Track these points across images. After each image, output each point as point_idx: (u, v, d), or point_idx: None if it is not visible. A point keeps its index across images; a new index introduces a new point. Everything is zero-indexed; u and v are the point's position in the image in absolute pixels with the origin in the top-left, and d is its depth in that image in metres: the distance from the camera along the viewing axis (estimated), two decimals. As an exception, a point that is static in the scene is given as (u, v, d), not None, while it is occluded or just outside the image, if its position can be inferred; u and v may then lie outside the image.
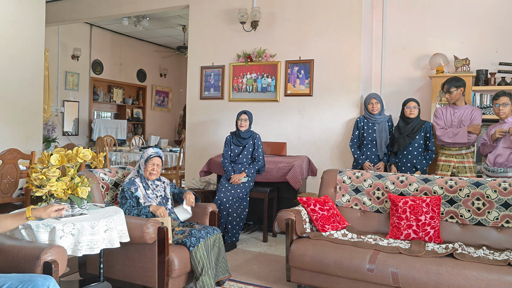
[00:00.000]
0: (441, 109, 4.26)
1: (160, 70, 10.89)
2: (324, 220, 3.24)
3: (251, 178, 4.48)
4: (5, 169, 3.99)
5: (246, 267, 3.67)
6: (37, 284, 1.87)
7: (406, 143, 4.20)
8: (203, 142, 5.81)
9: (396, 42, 5.25)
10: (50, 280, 1.93)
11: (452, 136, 4.05)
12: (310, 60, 5.14)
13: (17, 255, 2.10)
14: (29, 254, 2.08)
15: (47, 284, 1.90)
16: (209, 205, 3.51)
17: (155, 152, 3.24)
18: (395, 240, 3.07)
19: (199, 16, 5.84)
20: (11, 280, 1.89)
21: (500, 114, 3.78)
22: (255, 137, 4.56)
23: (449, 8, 4.97)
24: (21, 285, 1.87)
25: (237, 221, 4.30)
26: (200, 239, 2.99)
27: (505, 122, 3.79)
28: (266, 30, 5.38)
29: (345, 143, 4.95)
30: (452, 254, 2.75)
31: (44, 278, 1.92)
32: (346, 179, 3.58)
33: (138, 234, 2.74)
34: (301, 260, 2.95)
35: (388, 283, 2.66)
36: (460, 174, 4.05)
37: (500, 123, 3.84)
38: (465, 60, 4.70)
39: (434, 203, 3.10)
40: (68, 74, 8.49)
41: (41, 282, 1.89)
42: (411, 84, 5.17)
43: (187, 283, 3.08)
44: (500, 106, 3.76)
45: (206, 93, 5.81)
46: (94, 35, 9.02)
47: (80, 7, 6.96)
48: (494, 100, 3.82)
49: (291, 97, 5.27)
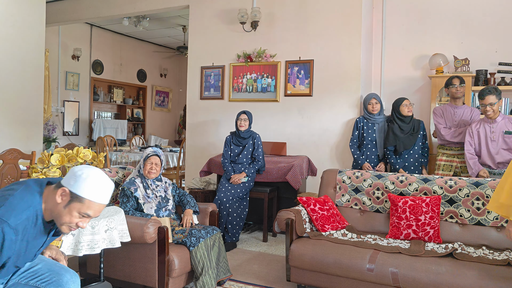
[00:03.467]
0: (440, 108, 4.26)
1: (160, 70, 10.90)
2: (324, 220, 3.25)
3: (251, 178, 4.49)
4: (5, 169, 3.99)
5: (246, 267, 3.67)
6: (62, 280, 1.87)
7: (412, 142, 4.18)
8: (203, 142, 5.82)
9: (396, 42, 5.25)
10: (75, 278, 1.92)
11: (457, 136, 4.03)
12: (310, 60, 5.14)
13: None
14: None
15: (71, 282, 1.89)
16: (209, 205, 3.52)
17: (154, 151, 3.26)
18: (395, 240, 3.07)
19: (199, 16, 5.85)
20: (44, 264, 1.90)
21: (488, 114, 3.55)
22: (255, 137, 4.56)
23: (449, 8, 4.97)
24: (48, 273, 1.87)
25: (237, 221, 4.30)
26: (200, 239, 3.00)
27: (495, 121, 3.61)
28: (266, 30, 5.38)
29: (345, 143, 4.95)
30: (451, 254, 2.75)
31: (71, 275, 1.91)
32: (346, 179, 3.58)
33: (138, 234, 2.74)
34: (301, 260, 2.95)
35: (388, 282, 2.67)
36: (463, 174, 4.02)
37: (487, 121, 3.66)
38: (465, 60, 4.70)
39: (433, 203, 3.10)
40: (68, 74, 8.49)
41: (66, 279, 1.88)
42: (411, 84, 5.17)
43: (187, 283, 3.09)
44: (487, 106, 3.51)
45: (206, 93, 5.81)
46: (95, 35, 9.03)
47: (80, 7, 6.97)
48: (480, 100, 3.54)
49: (291, 97, 5.27)
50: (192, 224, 3.26)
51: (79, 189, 1.61)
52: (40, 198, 1.66)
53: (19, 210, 1.59)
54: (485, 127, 3.68)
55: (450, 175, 3.99)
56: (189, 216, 3.26)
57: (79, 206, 1.62)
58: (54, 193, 1.65)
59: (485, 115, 3.61)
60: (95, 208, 1.65)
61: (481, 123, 3.73)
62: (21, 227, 1.59)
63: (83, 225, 1.68)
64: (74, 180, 1.62)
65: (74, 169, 1.65)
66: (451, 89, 4.14)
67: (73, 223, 1.65)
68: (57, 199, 1.63)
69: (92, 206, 1.63)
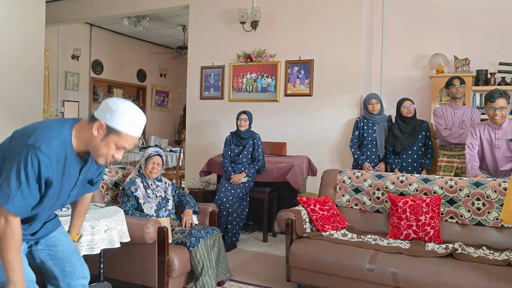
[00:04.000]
0: (440, 109, 4.26)
1: (160, 70, 10.89)
2: (324, 220, 3.24)
3: (251, 178, 4.48)
4: (5, 169, 3.98)
5: (246, 267, 3.67)
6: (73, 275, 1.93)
7: (411, 143, 4.18)
8: (203, 142, 5.81)
9: (396, 42, 5.25)
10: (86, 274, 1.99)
11: (457, 137, 4.02)
12: (310, 60, 5.14)
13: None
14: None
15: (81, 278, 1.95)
16: (209, 205, 3.52)
17: (155, 151, 3.27)
18: (395, 240, 3.07)
19: (199, 16, 5.84)
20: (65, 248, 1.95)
21: (496, 118, 3.32)
22: (255, 137, 4.56)
23: (449, 8, 4.96)
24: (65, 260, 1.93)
25: (237, 221, 4.30)
26: (200, 239, 2.99)
27: (501, 127, 3.40)
28: (266, 30, 5.38)
29: (345, 143, 4.95)
30: (452, 254, 2.75)
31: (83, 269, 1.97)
32: (346, 179, 3.58)
33: (138, 234, 2.74)
34: (301, 260, 2.95)
35: (388, 283, 2.66)
36: (463, 174, 4.01)
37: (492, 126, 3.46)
38: (465, 60, 4.70)
39: (434, 203, 3.10)
40: (68, 74, 8.49)
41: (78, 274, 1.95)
42: (411, 84, 5.17)
43: (187, 283, 3.08)
44: (497, 110, 3.28)
45: (206, 93, 5.81)
46: (94, 35, 9.02)
47: (80, 7, 6.96)
48: (489, 102, 3.29)
49: (291, 97, 5.27)
50: (192, 224, 3.25)
51: (116, 123, 1.65)
52: (71, 130, 1.70)
53: (50, 138, 1.62)
54: (490, 133, 3.47)
55: (451, 176, 3.98)
56: (188, 216, 3.25)
57: (116, 139, 1.67)
58: (90, 126, 1.68)
59: (493, 119, 3.36)
60: (130, 141, 1.70)
61: (485, 128, 3.51)
62: (54, 156, 1.62)
63: (119, 157, 1.73)
64: (110, 114, 1.65)
65: (108, 103, 1.68)
66: (451, 89, 4.13)
67: (110, 154, 1.70)
68: (94, 132, 1.66)
69: (128, 139, 1.68)
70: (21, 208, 1.58)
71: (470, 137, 3.54)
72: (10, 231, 1.57)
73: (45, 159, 1.58)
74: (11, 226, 1.58)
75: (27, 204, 1.60)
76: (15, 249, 1.59)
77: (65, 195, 1.78)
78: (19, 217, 1.60)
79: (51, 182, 1.64)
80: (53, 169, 1.63)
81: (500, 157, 3.48)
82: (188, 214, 3.26)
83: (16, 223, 1.59)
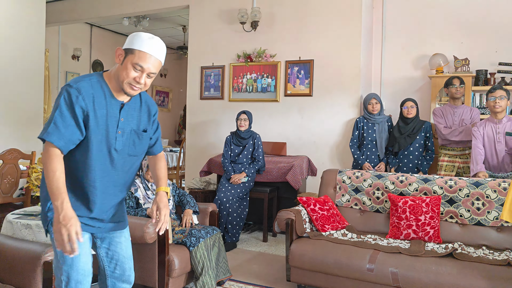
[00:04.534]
0: (440, 108, 4.26)
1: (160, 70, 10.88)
2: (324, 220, 3.25)
3: (251, 178, 4.49)
4: (5, 169, 3.99)
5: (246, 267, 3.67)
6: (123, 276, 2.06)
7: (407, 143, 4.19)
8: (203, 142, 5.82)
9: (396, 42, 5.25)
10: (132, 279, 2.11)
11: (458, 135, 4.01)
12: (310, 60, 5.14)
13: (18, 255, 2.11)
14: (29, 254, 2.09)
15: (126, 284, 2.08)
16: (209, 205, 3.52)
17: None
18: (395, 240, 3.07)
19: (199, 16, 5.85)
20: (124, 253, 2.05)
21: (496, 107, 3.48)
22: (255, 137, 4.56)
23: (449, 8, 4.97)
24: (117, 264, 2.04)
25: (237, 221, 4.30)
26: (200, 239, 3.00)
27: (501, 122, 3.53)
28: (266, 30, 5.38)
29: (345, 143, 4.95)
30: (451, 254, 2.75)
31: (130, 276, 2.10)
32: (346, 179, 3.58)
33: (138, 234, 2.74)
34: (301, 260, 2.95)
35: (388, 283, 2.67)
36: (465, 174, 4.00)
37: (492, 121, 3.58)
38: (465, 60, 4.70)
39: (433, 203, 3.10)
40: (68, 74, 8.49)
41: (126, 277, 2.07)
42: (411, 84, 5.17)
43: (187, 283, 3.09)
44: (497, 99, 3.47)
45: (206, 93, 5.81)
46: (95, 35, 9.02)
47: (80, 7, 6.96)
48: (490, 93, 3.52)
49: (291, 97, 5.27)
50: (192, 224, 3.26)
51: (129, 43, 1.77)
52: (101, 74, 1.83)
53: (79, 79, 1.77)
54: (491, 127, 3.58)
55: (453, 175, 3.98)
56: (188, 216, 3.26)
57: (131, 58, 1.74)
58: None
59: (493, 109, 3.52)
60: (145, 59, 1.74)
61: (486, 123, 3.62)
62: (85, 91, 1.72)
63: (140, 80, 1.75)
64: (128, 40, 1.79)
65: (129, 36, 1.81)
66: (450, 89, 4.14)
67: (130, 77, 1.75)
68: (116, 60, 1.80)
69: (142, 56, 1.74)
70: (58, 138, 1.68)
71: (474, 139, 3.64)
72: (47, 157, 1.68)
73: (75, 91, 1.70)
74: (48, 153, 1.68)
75: (63, 135, 1.69)
76: (53, 172, 1.66)
77: (112, 137, 1.81)
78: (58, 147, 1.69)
79: (87, 115, 1.72)
80: (86, 102, 1.72)
81: (501, 150, 3.57)
82: (188, 214, 3.26)
83: (53, 152, 1.69)
